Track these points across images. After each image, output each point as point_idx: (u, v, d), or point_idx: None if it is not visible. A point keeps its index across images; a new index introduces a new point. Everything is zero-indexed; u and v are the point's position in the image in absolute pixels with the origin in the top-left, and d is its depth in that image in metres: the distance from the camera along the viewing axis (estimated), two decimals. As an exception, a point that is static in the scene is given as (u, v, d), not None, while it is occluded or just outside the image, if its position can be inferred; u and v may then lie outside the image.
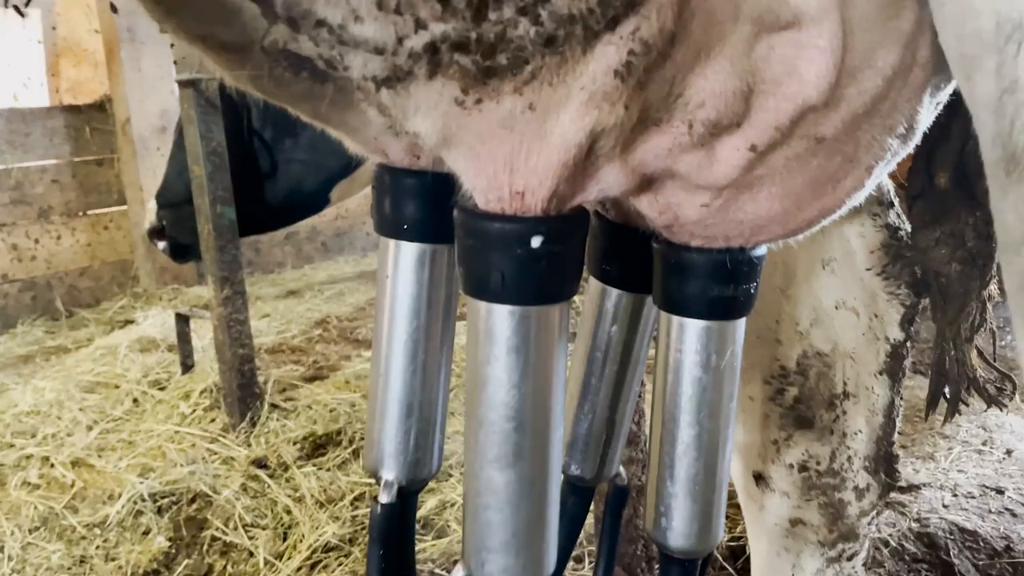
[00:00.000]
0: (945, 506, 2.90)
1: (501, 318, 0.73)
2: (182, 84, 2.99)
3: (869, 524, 1.45)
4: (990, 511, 2.86)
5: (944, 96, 0.85)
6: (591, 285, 1.06)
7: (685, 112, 0.69)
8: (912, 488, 2.99)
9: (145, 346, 4.11)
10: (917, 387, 3.79)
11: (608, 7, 0.58)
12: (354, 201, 6.49)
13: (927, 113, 0.82)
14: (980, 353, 1.31)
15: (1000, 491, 2.97)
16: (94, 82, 5.53)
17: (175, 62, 3.77)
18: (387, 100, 0.68)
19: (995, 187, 0.74)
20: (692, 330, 0.91)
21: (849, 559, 1.46)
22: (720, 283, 0.88)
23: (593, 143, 0.68)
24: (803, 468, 1.36)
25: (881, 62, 0.73)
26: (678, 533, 0.97)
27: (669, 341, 0.93)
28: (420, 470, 0.97)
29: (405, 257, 0.91)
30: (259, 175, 3.37)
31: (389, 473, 0.96)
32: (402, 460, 0.96)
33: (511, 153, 0.69)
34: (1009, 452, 3.21)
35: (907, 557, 2.65)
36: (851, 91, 0.73)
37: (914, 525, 2.78)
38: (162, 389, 3.65)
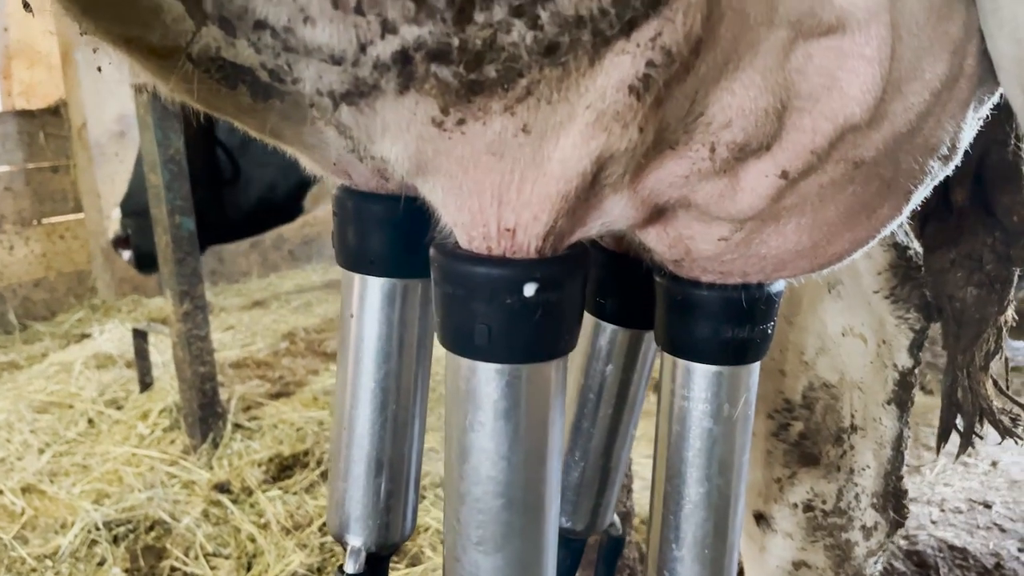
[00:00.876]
0: (933, 522, 2.83)
1: (487, 378, 0.61)
2: (137, 88, 2.83)
3: (876, 564, 1.35)
4: (978, 526, 2.80)
5: (987, 110, 0.76)
6: (584, 319, 0.94)
7: (707, 133, 0.58)
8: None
9: (102, 362, 3.92)
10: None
11: (626, 7, 0.46)
12: (322, 209, 6.33)
13: (970, 130, 0.72)
14: (995, 383, 1.22)
15: (987, 505, 2.91)
16: (48, 85, 5.31)
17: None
18: (348, 119, 0.56)
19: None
20: (701, 376, 0.80)
21: (855, 602, 1.36)
22: (734, 323, 0.77)
23: (599, 171, 0.57)
24: (808, 508, 1.26)
25: (929, 73, 0.63)
26: (685, 600, 0.86)
27: (674, 387, 0.82)
28: (391, 534, 0.86)
29: (372, 294, 0.80)
30: (226, 181, 3.23)
31: (356, 539, 0.84)
32: (371, 524, 0.84)
33: (500, 184, 0.58)
34: (994, 464, 3.16)
35: (896, 577, 2.58)
36: (896, 107, 0.62)
37: (903, 543, 2.71)
38: (119, 409, 3.47)
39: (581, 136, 0.54)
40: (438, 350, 0.75)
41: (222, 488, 2.94)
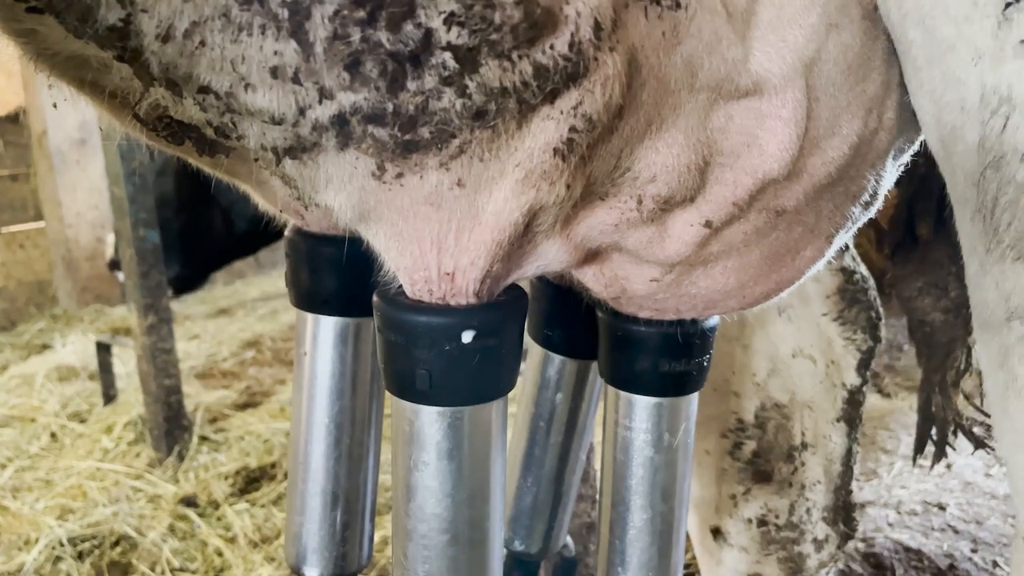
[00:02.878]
0: (890, 524, 2.90)
1: (430, 421, 0.64)
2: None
3: (828, 574, 1.40)
4: (933, 528, 2.88)
5: (908, 156, 0.80)
6: (532, 351, 0.97)
7: (634, 187, 0.61)
8: (858, 507, 2.99)
9: (64, 375, 3.87)
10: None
11: (546, 80, 0.49)
12: (291, 214, 6.30)
13: (890, 177, 0.76)
14: (967, 397, 1.28)
15: (942, 507, 2.99)
16: (7, 92, 5.23)
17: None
18: (292, 171, 0.58)
19: (974, 263, 0.68)
20: (642, 407, 0.83)
21: (805, 612, 1.40)
22: (671, 358, 0.80)
23: (531, 221, 0.60)
24: (762, 523, 1.30)
25: (847, 129, 0.66)
26: (631, 620, 0.89)
27: (617, 417, 0.85)
28: (348, 564, 0.88)
29: (325, 333, 0.82)
30: (217, 203, 3.21)
31: (313, 571, 0.86)
32: (327, 555, 0.86)
33: (439, 231, 0.60)
34: (949, 466, 3.24)
35: (853, 578, 2.64)
36: (815, 161, 0.66)
37: (860, 545, 2.77)
38: (83, 422, 3.43)
39: (512, 191, 0.56)
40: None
41: (188, 502, 2.92)
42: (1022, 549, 0.72)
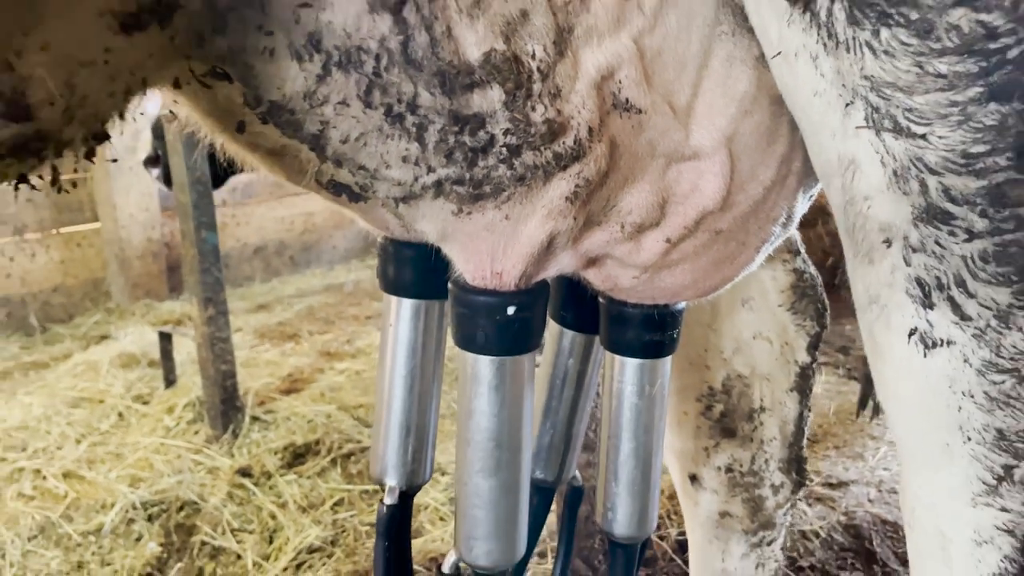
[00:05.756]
0: (871, 500, 3.22)
1: (484, 365, 0.99)
2: (167, 118, 3.18)
3: (784, 515, 1.73)
4: (909, 503, 3.19)
5: (816, 191, 1.13)
6: (551, 327, 1.32)
7: (618, 217, 0.95)
8: (841, 485, 3.31)
9: (126, 362, 4.26)
10: (851, 392, 4.13)
11: (560, 160, 0.84)
12: (321, 216, 6.68)
13: (802, 205, 1.10)
14: None
15: (919, 485, 3.29)
16: (67, 103, 5.64)
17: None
18: (402, 210, 0.93)
19: (849, 264, 1.02)
20: (630, 367, 1.17)
21: (768, 544, 1.74)
22: (651, 331, 1.14)
23: (552, 240, 0.94)
24: (729, 470, 1.64)
25: (762, 176, 1.00)
26: (621, 524, 1.23)
27: (613, 374, 1.20)
28: (416, 478, 1.22)
29: (404, 310, 1.16)
30: None
31: (392, 480, 1.20)
32: (402, 470, 1.20)
33: (492, 247, 0.95)
34: (929, 450, 3.54)
35: (835, 547, 2.96)
36: (740, 197, 1.00)
37: (842, 518, 3.09)
38: (146, 403, 3.82)
39: (539, 222, 0.91)
40: (450, 349, 1.11)
41: (244, 473, 3.30)
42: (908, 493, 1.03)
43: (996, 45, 0.81)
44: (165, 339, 3.79)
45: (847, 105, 0.88)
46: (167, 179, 3.41)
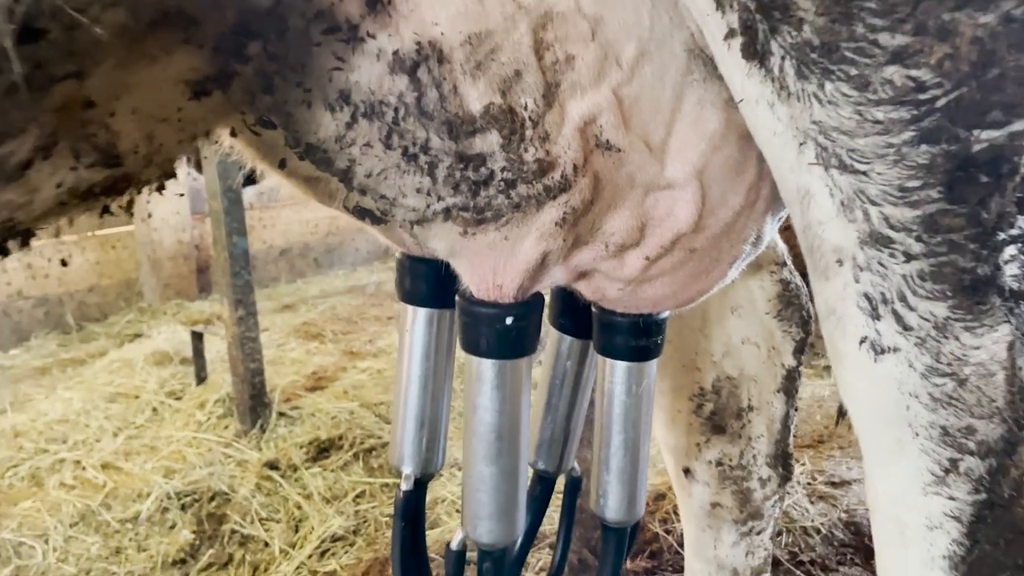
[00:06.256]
0: (871, 499, 3.32)
1: (487, 368, 1.13)
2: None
3: (772, 507, 1.86)
4: (909, 503, 3.29)
5: (785, 213, 1.27)
6: (552, 333, 1.46)
7: (603, 238, 1.10)
8: (844, 483, 3.42)
9: (159, 359, 4.47)
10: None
11: (550, 192, 0.98)
12: (344, 219, 6.86)
13: (771, 226, 1.24)
14: None
15: (920, 485, 3.40)
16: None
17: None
18: (416, 232, 1.08)
19: (811, 280, 1.15)
20: (619, 369, 1.32)
21: (758, 534, 1.87)
22: (637, 337, 1.29)
23: (544, 258, 1.09)
24: (719, 464, 1.78)
25: (732, 202, 1.14)
26: (612, 509, 1.38)
27: (604, 375, 1.34)
28: (429, 466, 1.37)
29: (419, 318, 1.31)
30: None
31: (408, 468, 1.36)
32: (417, 459, 1.35)
33: (494, 263, 1.10)
34: (931, 451, 3.64)
35: (835, 543, 3.08)
36: (711, 221, 1.14)
37: (843, 515, 3.21)
38: (178, 399, 4.02)
39: (534, 242, 1.05)
40: (459, 355, 1.26)
41: (271, 465, 3.47)
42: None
43: (925, 96, 0.94)
44: (197, 338, 3.98)
45: (800, 144, 1.02)
46: (197, 165, 3.64)
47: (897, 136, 0.96)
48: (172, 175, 0.86)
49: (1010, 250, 1.03)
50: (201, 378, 4.07)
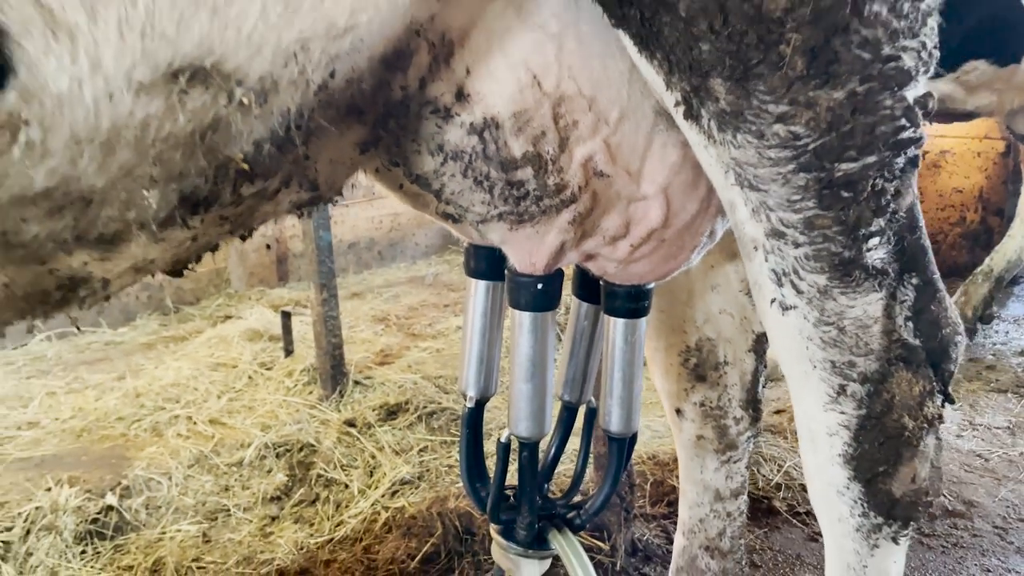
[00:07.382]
0: (864, 462, 3.81)
1: (526, 318, 1.73)
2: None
3: (747, 442, 2.42)
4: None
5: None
6: (573, 301, 2.04)
7: (601, 232, 1.68)
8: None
9: (251, 336, 5.18)
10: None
11: (565, 202, 1.57)
12: (405, 216, 7.53)
13: (721, 225, 1.80)
14: None
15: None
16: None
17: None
18: (481, 228, 1.68)
19: (743, 258, 1.71)
20: (620, 324, 1.89)
21: (735, 462, 2.43)
22: (631, 301, 1.86)
23: (562, 245, 1.68)
24: (702, 405, 2.34)
25: (690, 208, 1.71)
26: (614, 424, 1.95)
27: (609, 329, 1.92)
28: (487, 391, 1.96)
29: (480, 287, 1.90)
30: None
31: (471, 392, 1.95)
32: (478, 386, 1.95)
33: (530, 248, 1.69)
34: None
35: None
36: (675, 220, 1.71)
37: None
38: (269, 369, 4.71)
39: (555, 235, 1.64)
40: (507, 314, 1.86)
41: (349, 423, 4.13)
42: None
43: (800, 143, 1.49)
44: (286, 317, 4.66)
45: (725, 172, 1.57)
46: None
47: (784, 167, 1.50)
48: (340, 194, 1.47)
49: (872, 241, 1.56)
50: (288, 352, 4.75)
